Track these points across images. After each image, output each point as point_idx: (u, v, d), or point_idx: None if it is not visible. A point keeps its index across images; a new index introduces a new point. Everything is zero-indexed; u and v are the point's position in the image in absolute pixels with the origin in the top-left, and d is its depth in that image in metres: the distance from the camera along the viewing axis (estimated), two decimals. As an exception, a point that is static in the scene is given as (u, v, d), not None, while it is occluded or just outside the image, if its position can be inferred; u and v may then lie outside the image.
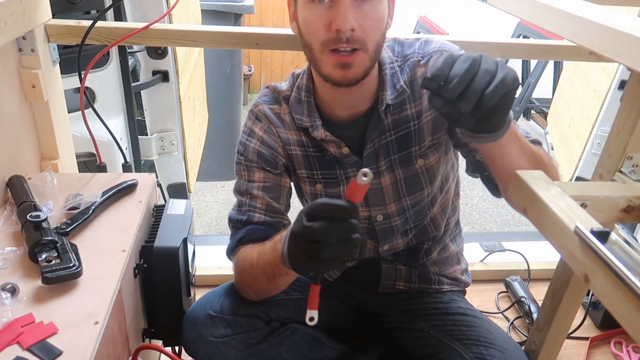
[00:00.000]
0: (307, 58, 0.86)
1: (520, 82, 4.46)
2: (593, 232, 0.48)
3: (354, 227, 0.63)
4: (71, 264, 0.74)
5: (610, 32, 0.59)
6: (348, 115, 0.92)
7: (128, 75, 1.63)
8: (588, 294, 1.32)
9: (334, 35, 0.78)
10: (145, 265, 0.91)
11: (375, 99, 0.91)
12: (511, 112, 0.70)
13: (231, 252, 0.95)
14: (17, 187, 0.93)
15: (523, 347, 1.03)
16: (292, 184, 1.00)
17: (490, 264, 1.54)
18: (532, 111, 4.53)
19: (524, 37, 3.83)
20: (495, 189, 0.88)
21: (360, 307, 1.10)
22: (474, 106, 0.61)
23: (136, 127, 1.73)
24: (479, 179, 0.93)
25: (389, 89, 0.89)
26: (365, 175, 0.58)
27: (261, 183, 0.94)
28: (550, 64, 3.98)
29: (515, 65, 4.61)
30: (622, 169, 0.73)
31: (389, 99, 0.89)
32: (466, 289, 1.15)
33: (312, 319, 0.70)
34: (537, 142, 0.85)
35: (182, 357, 1.04)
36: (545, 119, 3.69)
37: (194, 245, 1.08)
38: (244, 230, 0.93)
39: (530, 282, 1.48)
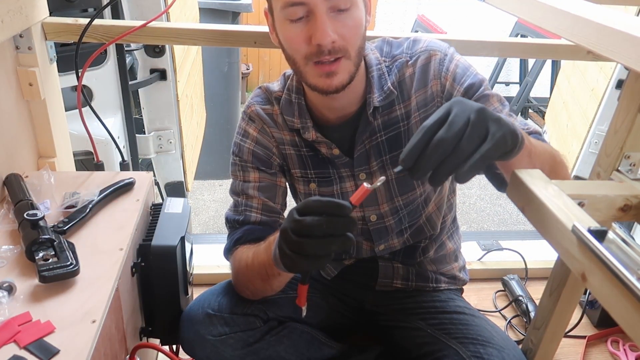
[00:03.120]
0: (292, 69, 0.86)
1: (518, 81, 4.47)
2: (590, 231, 0.48)
3: (346, 224, 0.63)
4: (68, 263, 0.74)
5: (608, 31, 0.59)
6: (338, 118, 0.92)
7: (126, 73, 1.62)
8: (585, 293, 1.33)
9: (315, 48, 0.78)
10: (143, 264, 0.91)
11: (363, 100, 0.91)
12: (520, 135, 0.63)
13: (228, 252, 0.95)
14: (14, 185, 0.93)
15: (520, 346, 1.03)
16: (287, 183, 1.00)
17: (487, 263, 1.55)
18: (530, 110, 4.54)
19: (522, 36, 3.83)
20: (499, 184, 0.84)
21: (358, 306, 1.10)
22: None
23: (134, 125, 1.73)
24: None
25: (376, 90, 0.89)
26: (380, 181, 0.63)
27: (257, 183, 0.95)
28: (548, 63, 3.99)
29: (514, 64, 4.62)
30: (619, 168, 0.73)
31: (376, 101, 0.89)
32: (464, 287, 1.15)
33: (303, 311, 0.73)
34: (536, 134, 0.83)
35: (179, 355, 1.04)
36: (543, 118, 3.70)
37: (192, 244, 1.08)
38: (241, 231, 0.93)
39: (527, 281, 1.48)
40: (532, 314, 1.30)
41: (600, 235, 0.48)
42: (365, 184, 0.63)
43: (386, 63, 0.91)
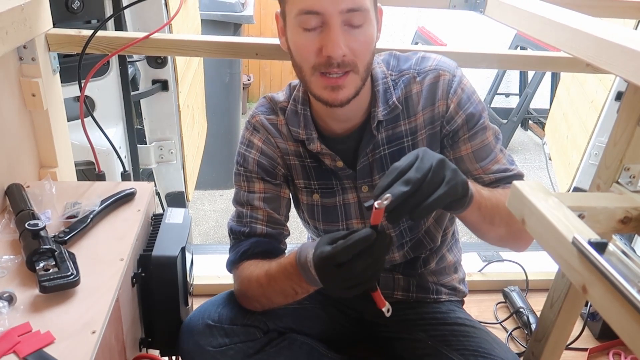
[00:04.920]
0: (298, 77, 0.86)
1: (518, 92, 4.49)
2: (591, 243, 0.48)
3: (381, 246, 0.68)
4: (69, 273, 0.74)
5: (606, 44, 0.59)
6: (342, 129, 0.92)
7: (128, 84, 1.63)
8: (586, 305, 1.32)
9: (325, 60, 0.78)
10: (143, 274, 0.91)
11: (368, 113, 0.91)
12: (471, 189, 0.75)
13: (233, 264, 0.95)
14: (15, 195, 0.93)
15: (521, 358, 1.03)
16: (290, 195, 1.00)
17: (488, 274, 1.54)
18: (530, 121, 4.55)
19: (522, 48, 3.85)
20: None
21: (359, 317, 1.10)
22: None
23: (135, 135, 1.73)
24: None
25: (381, 104, 0.89)
26: (386, 199, 0.65)
27: (262, 194, 0.94)
28: (548, 74, 4.00)
29: (513, 76, 4.64)
30: (619, 180, 0.74)
31: (381, 115, 0.89)
32: (464, 299, 1.14)
33: (388, 310, 0.76)
34: (519, 177, 0.91)
35: (179, 367, 1.03)
36: (543, 129, 3.70)
37: (192, 254, 1.08)
38: (248, 243, 0.93)
39: (528, 293, 1.47)
40: (533, 326, 1.30)
41: (600, 247, 0.48)
42: (375, 204, 0.65)
43: (392, 77, 0.91)
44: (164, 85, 1.77)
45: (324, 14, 0.76)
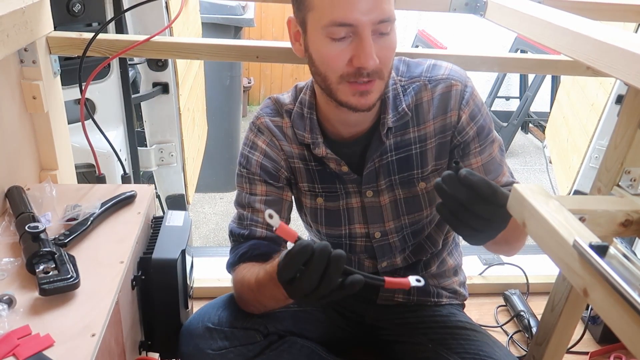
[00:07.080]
0: (319, 85, 0.85)
1: (518, 96, 4.49)
2: (592, 246, 0.48)
3: (333, 267, 0.66)
4: (69, 276, 0.74)
5: (606, 48, 0.59)
6: (350, 134, 0.92)
7: (128, 87, 1.64)
8: (587, 308, 1.32)
9: (355, 70, 0.78)
10: (143, 277, 0.91)
11: (376, 118, 0.91)
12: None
13: (232, 266, 0.95)
14: (15, 197, 0.93)
15: (522, 362, 1.02)
16: (293, 197, 1.00)
17: (489, 277, 1.54)
18: (530, 125, 4.56)
19: (522, 51, 3.86)
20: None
21: (359, 320, 1.10)
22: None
23: (136, 138, 1.74)
24: None
25: (391, 111, 0.89)
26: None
27: (263, 196, 0.94)
28: (548, 77, 4.01)
29: (514, 78, 4.64)
30: (620, 183, 0.73)
31: (390, 122, 0.89)
32: (465, 302, 1.14)
33: (418, 280, 0.72)
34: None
35: (179, 370, 1.03)
36: (543, 133, 3.71)
37: (192, 257, 1.07)
38: (246, 245, 0.93)
39: (529, 296, 1.47)
40: (534, 330, 1.29)
41: (601, 250, 0.48)
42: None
43: (402, 83, 0.91)
44: (164, 88, 1.78)
45: (357, 26, 0.75)
